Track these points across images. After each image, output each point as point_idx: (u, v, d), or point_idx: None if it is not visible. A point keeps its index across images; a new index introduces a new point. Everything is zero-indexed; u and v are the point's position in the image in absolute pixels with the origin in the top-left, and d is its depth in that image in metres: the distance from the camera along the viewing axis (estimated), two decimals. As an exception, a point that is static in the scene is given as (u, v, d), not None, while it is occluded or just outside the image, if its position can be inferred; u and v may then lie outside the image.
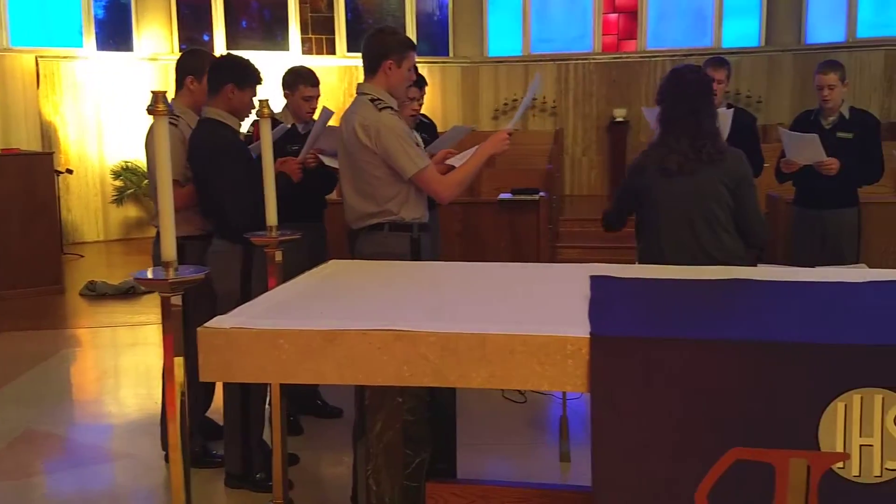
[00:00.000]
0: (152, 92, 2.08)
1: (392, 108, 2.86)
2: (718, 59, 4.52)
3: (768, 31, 10.66)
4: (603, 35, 11.02)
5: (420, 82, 3.66)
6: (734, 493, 1.68)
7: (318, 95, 3.91)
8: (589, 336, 1.71)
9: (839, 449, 1.65)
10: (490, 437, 3.67)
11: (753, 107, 10.16)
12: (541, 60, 10.95)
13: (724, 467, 1.67)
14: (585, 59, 10.94)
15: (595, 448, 1.71)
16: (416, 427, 2.09)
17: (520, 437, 3.69)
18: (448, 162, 3.03)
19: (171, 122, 3.16)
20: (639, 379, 1.69)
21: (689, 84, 2.96)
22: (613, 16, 11.03)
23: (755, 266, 2.85)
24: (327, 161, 3.41)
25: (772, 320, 1.88)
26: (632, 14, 10.96)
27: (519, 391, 3.88)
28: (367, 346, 1.77)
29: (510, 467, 3.45)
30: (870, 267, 2.83)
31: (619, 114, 10.59)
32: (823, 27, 10.53)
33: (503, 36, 11.24)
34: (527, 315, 1.94)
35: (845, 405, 1.64)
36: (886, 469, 1.64)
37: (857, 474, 1.65)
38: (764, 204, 5.76)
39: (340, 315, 1.91)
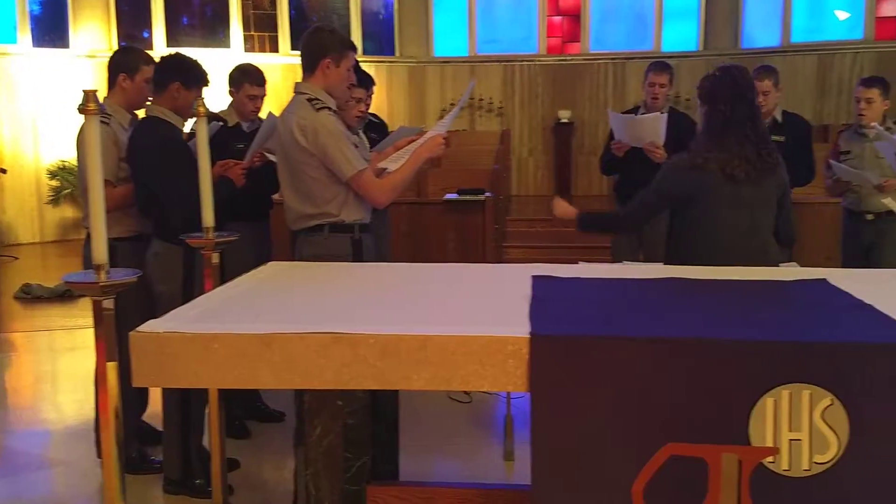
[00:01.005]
0: (83, 91, 2.02)
1: (330, 108, 2.83)
2: (662, 64, 4.60)
3: (706, 36, 10.92)
4: (548, 37, 11.14)
5: (366, 83, 3.63)
6: (669, 487, 1.71)
7: (264, 95, 3.86)
8: (529, 336, 1.72)
9: (769, 444, 1.69)
10: (435, 438, 3.67)
11: (693, 110, 10.36)
12: (487, 61, 11.01)
13: (659, 463, 1.70)
14: (531, 60, 11.04)
15: (534, 447, 1.73)
16: (356, 430, 2.07)
17: (465, 437, 3.70)
18: (381, 165, 2.98)
19: (102, 121, 3.09)
20: (577, 377, 1.71)
21: (748, 85, 2.87)
22: (557, 18, 11.16)
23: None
24: (273, 157, 3.36)
25: (705, 318, 1.92)
26: (575, 17, 11.11)
27: (464, 391, 3.89)
28: (305, 350, 1.75)
29: (455, 468, 3.45)
30: (801, 266, 2.92)
31: (564, 115, 10.72)
32: (759, 32, 10.83)
33: (449, 36, 11.27)
34: (469, 316, 1.94)
35: (774, 401, 1.69)
36: (815, 463, 1.69)
37: (787, 468, 1.70)
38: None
39: (277, 318, 1.89)
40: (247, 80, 3.79)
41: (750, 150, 2.76)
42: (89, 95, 1.99)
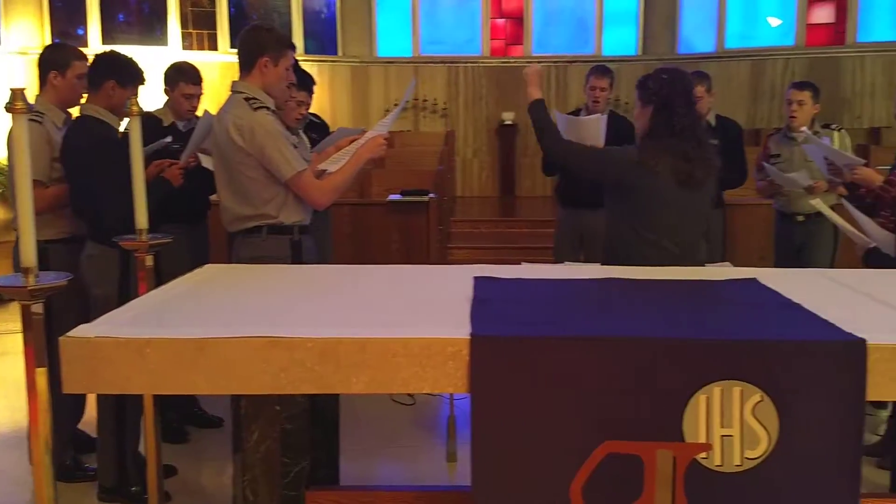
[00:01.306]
0: (10, 89, 1.95)
1: (268, 107, 2.79)
2: (602, 68, 4.67)
3: (645, 41, 11.13)
4: (491, 39, 11.21)
5: (307, 84, 3.59)
6: (606, 485, 1.74)
7: (201, 94, 3.78)
8: (469, 337, 1.73)
9: (702, 440, 1.73)
10: (378, 441, 3.65)
11: (631, 114, 10.56)
12: (431, 62, 11.01)
13: (596, 461, 1.73)
14: (475, 62, 11.09)
15: (474, 448, 1.74)
16: (295, 435, 2.05)
17: (408, 439, 3.69)
18: (321, 166, 2.95)
19: (34, 120, 3.00)
20: (517, 378, 1.72)
21: (690, 82, 2.94)
22: (501, 21, 11.24)
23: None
24: (205, 161, 3.30)
25: (641, 317, 1.95)
26: (518, 20, 11.20)
27: (407, 394, 3.88)
28: (241, 354, 1.72)
29: (398, 470, 3.44)
30: (734, 265, 3.00)
31: (508, 117, 10.79)
32: (696, 38, 11.10)
33: (393, 36, 11.23)
34: (409, 318, 1.94)
35: (707, 398, 1.73)
36: (746, 458, 1.74)
37: (720, 464, 1.74)
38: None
39: (213, 322, 1.86)
40: (182, 79, 3.72)
41: (700, 155, 2.82)
42: (16, 94, 1.92)
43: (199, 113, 3.76)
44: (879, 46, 10.16)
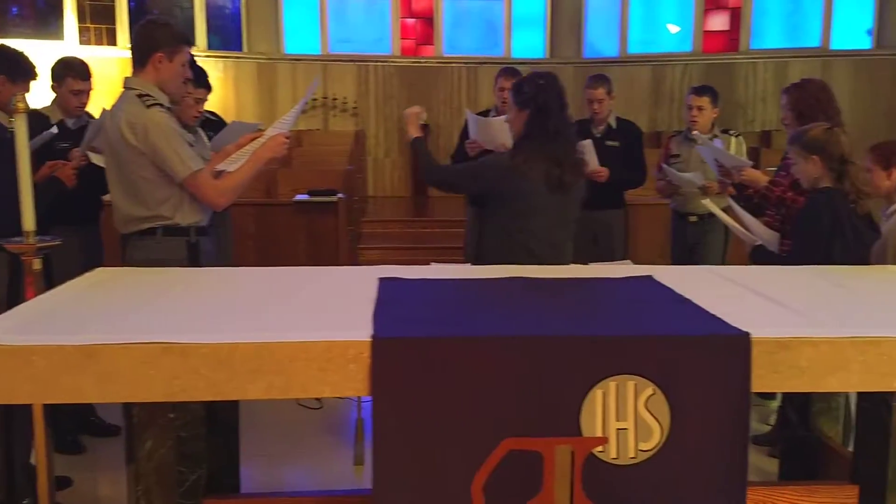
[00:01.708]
0: None
1: (162, 104, 2.69)
2: (511, 70, 4.73)
3: (552, 45, 11.38)
4: (401, 39, 11.20)
5: (204, 81, 3.49)
6: (507, 483, 1.76)
7: (90, 89, 3.62)
8: (370, 339, 1.72)
9: (599, 434, 1.77)
10: (284, 446, 3.59)
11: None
12: (340, 61, 10.92)
13: (497, 459, 1.74)
14: (385, 61, 11.06)
15: (375, 450, 1.72)
16: (190, 443, 1.99)
17: (315, 443, 3.64)
18: (220, 166, 2.87)
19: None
20: (418, 379, 1.72)
21: (563, 88, 2.99)
22: (411, 21, 11.25)
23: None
24: (95, 159, 3.16)
25: (540, 315, 1.98)
26: (428, 20, 11.24)
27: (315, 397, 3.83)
28: (131, 361, 1.66)
29: (304, 475, 3.39)
30: (634, 263, 3.10)
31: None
32: (600, 43, 11.42)
33: (300, 34, 11.07)
34: (310, 321, 1.91)
35: (603, 392, 1.77)
36: (640, 450, 1.79)
37: (616, 457, 1.79)
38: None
39: (103, 328, 1.78)
40: (70, 74, 3.55)
41: (571, 160, 2.90)
42: None
43: (90, 109, 3.61)
44: (770, 53, 10.71)
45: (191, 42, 2.87)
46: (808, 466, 2.51)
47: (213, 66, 10.55)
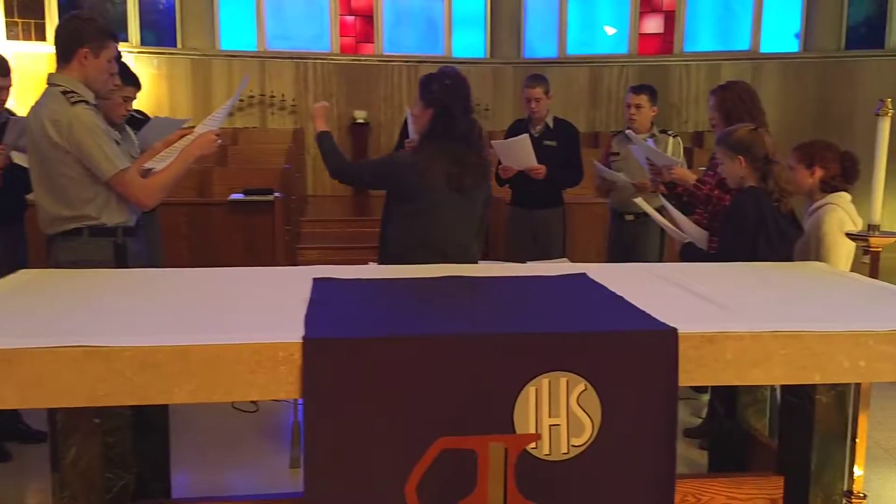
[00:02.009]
0: None
1: (87, 101, 2.61)
2: (450, 70, 4.73)
3: (492, 45, 11.44)
4: (341, 36, 11.11)
5: (134, 78, 3.39)
6: (441, 482, 1.76)
7: (9, 85, 3.48)
8: (301, 341, 1.69)
9: (532, 430, 1.79)
10: (219, 450, 3.52)
11: (482, 115, 10.84)
12: (278, 57, 10.75)
13: (431, 458, 1.74)
14: (324, 59, 10.94)
15: (307, 453, 1.70)
16: (117, 448, 1.94)
17: (251, 447, 3.58)
18: (147, 165, 2.80)
19: None
20: (350, 380, 1.70)
21: (469, 89, 2.99)
22: (350, 18, 11.16)
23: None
24: (17, 159, 3.05)
25: (475, 314, 2.00)
26: (368, 18, 11.16)
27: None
28: (54, 365, 1.61)
29: (240, 479, 3.33)
30: (572, 261, 3.14)
31: (360, 115, 10.74)
32: (539, 43, 11.53)
33: (237, 29, 10.86)
34: (239, 322, 1.87)
35: (536, 389, 1.79)
36: (572, 445, 1.81)
37: (548, 453, 1.81)
38: (488, 205, 6.17)
39: (25, 331, 1.72)
40: None
41: (475, 160, 2.91)
42: None
43: (16, 107, 3.47)
44: (703, 56, 10.99)
45: (117, 37, 2.78)
46: (737, 458, 2.59)
47: (147, 63, 10.28)
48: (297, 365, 1.68)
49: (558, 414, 1.80)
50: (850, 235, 2.70)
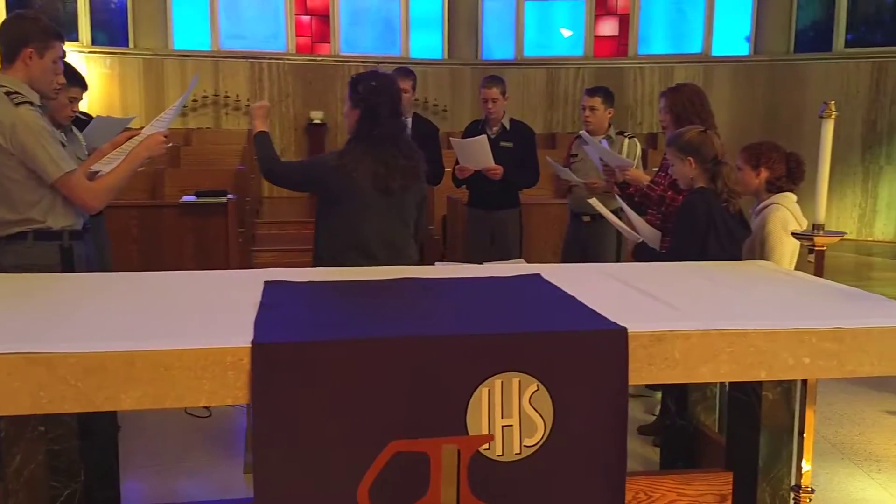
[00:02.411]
0: None
1: (32, 103, 2.54)
2: (405, 70, 4.73)
3: (450, 46, 11.47)
4: (296, 36, 11.02)
5: (78, 80, 3.31)
6: (393, 486, 1.75)
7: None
8: (250, 346, 1.67)
9: (484, 431, 1.79)
10: (172, 457, 3.46)
11: (440, 115, 10.86)
12: (232, 57, 10.63)
13: (383, 462, 1.73)
14: (279, 59, 10.85)
15: (257, 458, 1.68)
16: (63, 456, 1.89)
17: (204, 452, 3.53)
18: (94, 167, 2.74)
19: None
20: (300, 384, 1.69)
21: (398, 91, 2.97)
22: (306, 18, 11.08)
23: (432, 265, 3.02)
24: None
25: (427, 316, 1.99)
26: (324, 17, 11.10)
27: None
28: (-7, 373, 1.56)
29: (192, 486, 3.28)
30: (529, 262, 3.15)
31: (317, 116, 10.67)
32: (497, 45, 11.60)
33: (190, 29, 10.71)
34: (187, 327, 1.84)
35: (488, 390, 1.79)
36: (525, 446, 1.82)
37: (501, 453, 1.81)
38: (444, 206, 6.18)
39: (-40, 339, 1.66)
40: None
41: (403, 163, 2.90)
42: None
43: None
44: (657, 59, 11.17)
45: (63, 37, 2.72)
46: (688, 455, 2.63)
47: (98, 63, 10.08)
48: (246, 370, 1.66)
49: (511, 414, 1.81)
50: (795, 235, 2.76)
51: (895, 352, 1.92)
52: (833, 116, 2.57)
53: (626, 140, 4.67)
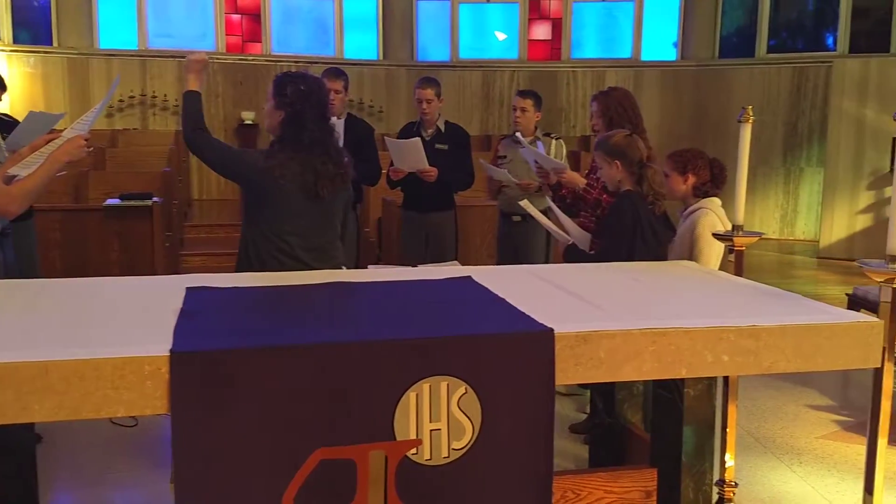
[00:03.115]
0: None
1: None
2: (336, 70, 4.69)
3: (385, 47, 11.43)
4: (226, 35, 10.81)
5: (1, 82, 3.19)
6: (319, 493, 1.73)
7: None
8: (168, 354, 1.63)
9: (412, 436, 1.79)
10: (97, 469, 3.35)
11: (376, 116, 10.80)
12: (160, 57, 10.37)
13: (309, 469, 1.71)
14: (209, 58, 10.62)
15: (177, 469, 1.64)
16: (-28, 474, 1.80)
17: (130, 464, 3.42)
18: (11, 171, 2.63)
19: None
20: (221, 393, 1.65)
21: (326, 94, 2.91)
22: (237, 17, 10.88)
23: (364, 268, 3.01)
24: None
25: (352, 321, 1.98)
26: (255, 16, 10.92)
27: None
28: None
29: (120, 497, 3.19)
30: (464, 264, 3.16)
31: (248, 116, 10.49)
32: (432, 47, 11.62)
33: (116, 27, 10.39)
34: (105, 336, 1.78)
35: (416, 395, 1.78)
36: (453, 449, 1.82)
37: (429, 458, 1.81)
38: (379, 208, 6.16)
39: None
40: None
41: (332, 169, 2.86)
42: None
43: None
44: (589, 63, 11.36)
45: None
46: (615, 452, 2.68)
47: (21, 62, 9.72)
48: (165, 379, 1.62)
49: (439, 418, 1.81)
50: (716, 236, 2.84)
51: (809, 348, 1.99)
52: (751, 121, 2.66)
53: (554, 141, 4.74)
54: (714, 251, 3.19)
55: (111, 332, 1.83)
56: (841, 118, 9.05)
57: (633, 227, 3.02)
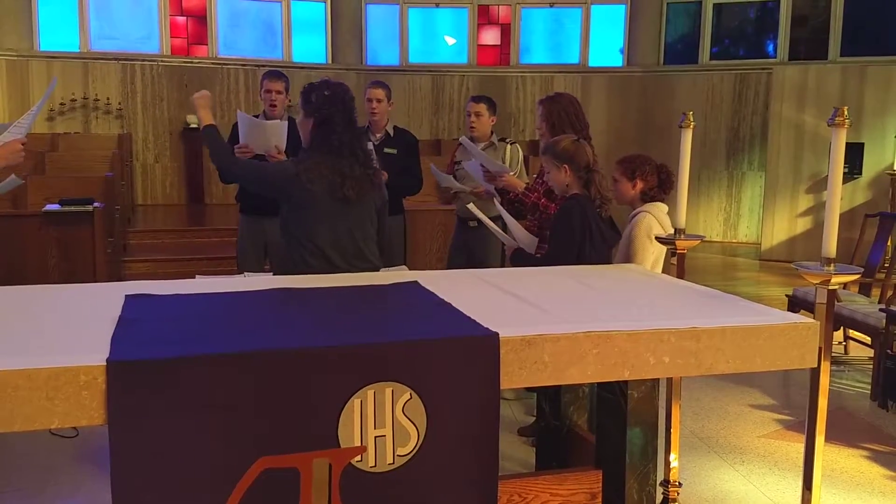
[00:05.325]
0: None
1: None
2: (276, 72, 4.64)
3: (334, 51, 11.37)
4: (171, 37, 10.62)
5: None
6: (263, 501, 1.70)
7: None
8: (105, 364, 1.59)
9: (357, 443, 1.77)
10: (36, 480, 3.25)
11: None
12: (103, 59, 10.13)
13: (250, 480, 1.68)
14: (153, 60, 10.42)
15: (114, 482, 1.60)
16: None
17: (71, 474, 3.33)
18: None
19: None
20: (161, 403, 1.61)
21: (352, 99, 3.00)
22: (181, 19, 10.69)
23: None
24: None
25: (297, 328, 1.95)
26: (201, 19, 10.75)
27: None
28: None
29: (57, 511, 3.09)
30: (412, 268, 3.15)
31: (193, 120, 10.30)
32: (382, 51, 11.60)
33: (58, 29, 10.13)
34: (38, 345, 1.73)
35: (361, 401, 1.77)
36: (398, 456, 1.81)
37: (374, 465, 1.79)
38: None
39: None
40: None
41: (359, 172, 2.95)
42: None
43: None
44: (537, 68, 11.48)
45: None
46: (561, 455, 2.70)
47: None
48: (101, 390, 1.58)
49: (384, 424, 1.79)
50: (659, 239, 2.89)
51: (748, 349, 2.03)
52: (691, 126, 2.71)
53: (509, 146, 4.76)
54: (649, 254, 3.26)
55: (46, 341, 1.78)
56: (781, 123, 9.31)
57: (581, 231, 3.05)
